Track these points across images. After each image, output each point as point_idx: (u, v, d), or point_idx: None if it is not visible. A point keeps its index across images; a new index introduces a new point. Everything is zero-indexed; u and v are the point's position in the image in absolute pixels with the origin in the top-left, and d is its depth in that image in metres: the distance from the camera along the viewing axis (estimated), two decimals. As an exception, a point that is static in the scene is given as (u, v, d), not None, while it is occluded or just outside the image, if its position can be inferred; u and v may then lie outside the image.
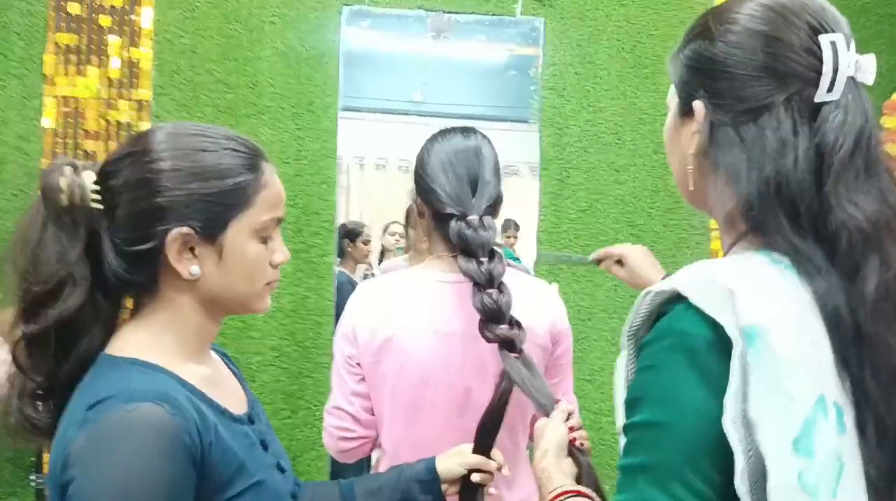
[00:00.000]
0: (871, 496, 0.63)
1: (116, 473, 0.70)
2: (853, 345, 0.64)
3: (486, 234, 1.16)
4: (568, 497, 0.88)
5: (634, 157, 2.36)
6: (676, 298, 0.66)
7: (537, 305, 1.26)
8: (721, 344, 0.62)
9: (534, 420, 1.30)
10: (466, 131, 1.27)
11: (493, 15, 2.34)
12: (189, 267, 0.82)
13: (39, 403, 0.82)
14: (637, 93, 2.36)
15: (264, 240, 0.86)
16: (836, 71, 0.66)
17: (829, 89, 0.66)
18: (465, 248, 1.16)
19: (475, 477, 1.08)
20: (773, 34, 0.68)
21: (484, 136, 1.27)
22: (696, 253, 2.36)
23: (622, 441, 0.69)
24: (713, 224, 2.37)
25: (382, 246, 3.19)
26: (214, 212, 0.82)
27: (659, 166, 2.36)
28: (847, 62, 0.66)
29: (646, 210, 2.35)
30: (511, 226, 2.83)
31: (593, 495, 0.90)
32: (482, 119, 2.92)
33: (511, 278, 1.17)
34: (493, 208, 1.23)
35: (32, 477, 2.01)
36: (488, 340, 1.12)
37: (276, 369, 2.19)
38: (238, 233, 0.83)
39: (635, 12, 2.37)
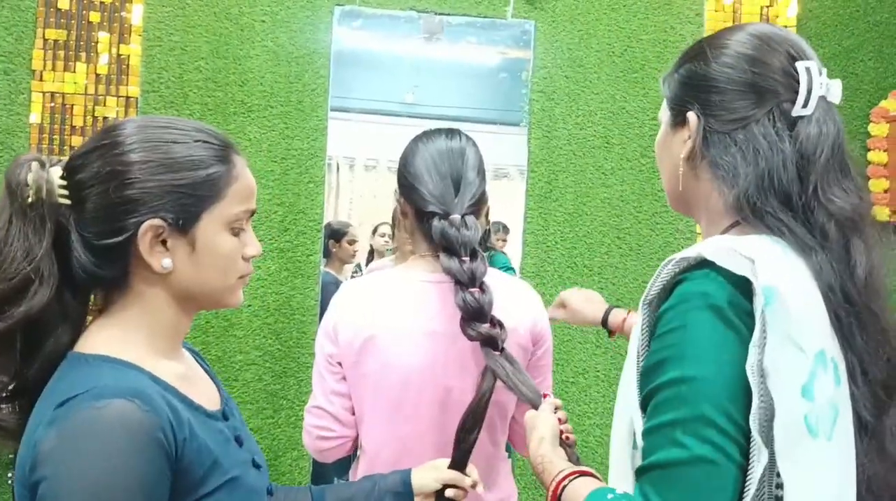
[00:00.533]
0: (861, 435, 0.77)
1: (87, 472, 0.69)
2: (845, 312, 0.76)
3: (467, 233, 1.16)
4: (576, 478, 0.91)
5: (622, 161, 2.36)
6: (697, 266, 0.76)
7: (519, 306, 1.26)
8: (739, 304, 0.72)
9: (513, 420, 1.31)
10: (451, 133, 1.27)
11: (485, 17, 2.35)
12: (161, 260, 0.81)
13: (6, 404, 0.81)
14: (626, 98, 2.37)
15: (236, 233, 0.85)
16: (809, 91, 0.80)
17: (804, 105, 0.80)
18: (447, 247, 1.16)
19: (449, 493, 1.08)
20: (759, 57, 0.82)
21: (468, 138, 1.28)
22: (682, 258, 2.36)
23: (633, 416, 0.77)
24: (699, 229, 2.38)
25: (371, 247, 3.18)
26: (186, 203, 0.81)
27: (647, 170, 2.37)
28: (819, 83, 0.80)
29: (633, 213, 2.36)
30: (500, 229, 2.82)
31: (596, 473, 0.93)
32: (473, 121, 2.93)
33: (493, 279, 1.18)
34: (476, 207, 1.23)
35: (10, 475, 2.00)
36: (471, 338, 1.13)
37: (260, 368, 2.18)
38: (210, 226, 0.82)
39: (625, 17, 2.38)
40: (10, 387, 0.80)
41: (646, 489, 0.73)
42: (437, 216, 1.18)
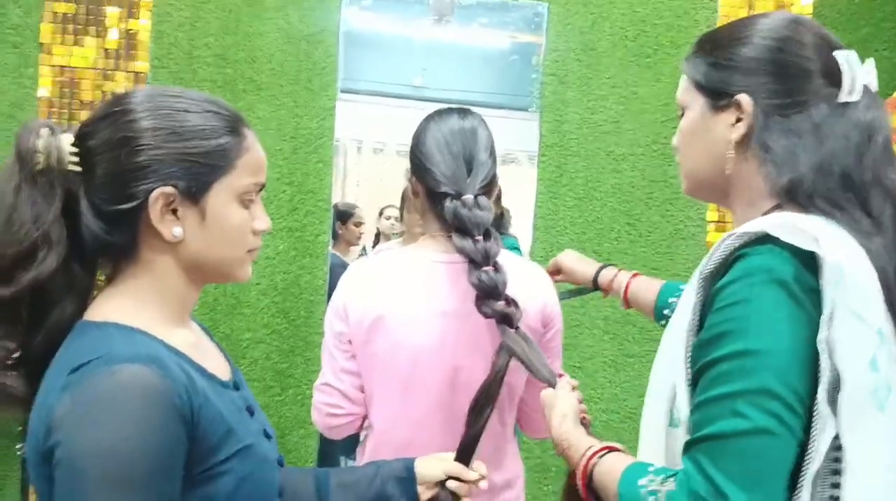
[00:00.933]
0: None
1: (103, 437, 0.68)
2: None
3: (481, 213, 1.16)
4: (606, 454, 0.90)
5: (634, 147, 2.35)
6: (758, 241, 0.76)
7: (529, 287, 1.26)
8: (808, 277, 0.73)
9: (521, 401, 1.30)
10: (463, 112, 1.27)
11: (497, -1, 2.32)
12: (172, 229, 0.80)
13: (12, 372, 0.80)
14: (638, 83, 2.35)
15: (246, 206, 0.85)
16: (853, 78, 0.82)
17: (851, 92, 0.82)
18: (460, 227, 1.16)
19: (451, 485, 1.07)
20: (805, 42, 0.84)
21: (480, 118, 1.28)
22: (691, 245, 2.35)
23: (678, 392, 0.78)
24: (710, 216, 2.36)
25: (378, 229, 3.18)
26: (198, 172, 0.80)
27: (658, 156, 2.35)
28: (861, 72, 0.83)
29: (643, 199, 2.34)
30: (508, 213, 2.81)
31: (624, 448, 0.93)
32: (482, 106, 2.88)
33: (503, 260, 1.17)
34: (488, 188, 1.22)
35: (19, 446, 2.00)
36: (486, 316, 1.12)
37: (268, 346, 2.18)
38: (221, 196, 0.82)
39: (639, 0, 2.35)
40: (16, 356, 0.80)
41: (700, 459, 0.72)
42: (449, 196, 1.18)
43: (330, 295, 1.34)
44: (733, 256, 0.77)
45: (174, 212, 0.80)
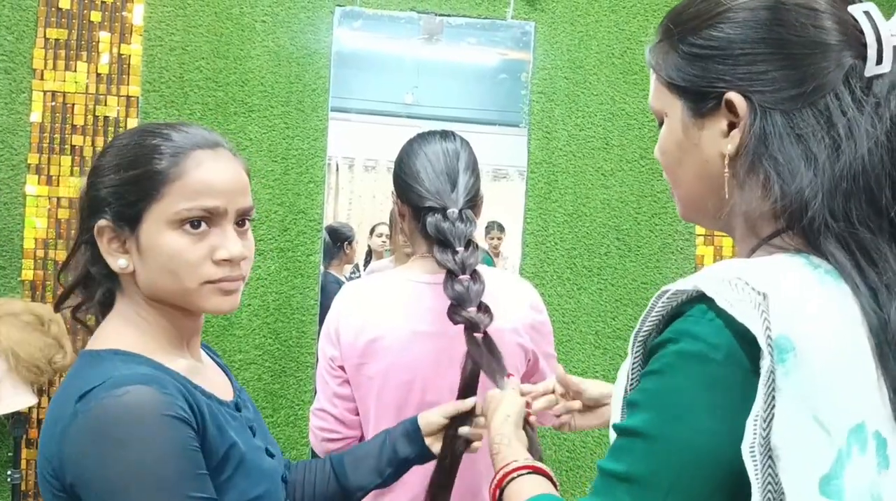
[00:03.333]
0: None
1: (126, 455, 0.70)
2: None
3: (463, 226, 1.17)
4: (526, 474, 0.83)
5: (622, 162, 2.37)
6: (698, 299, 0.59)
7: (517, 304, 1.27)
8: (743, 357, 0.55)
9: None
10: (445, 134, 1.28)
11: (485, 18, 2.35)
12: (117, 261, 0.82)
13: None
14: (625, 99, 2.38)
15: (191, 233, 0.81)
16: (879, 41, 0.59)
17: (879, 61, 0.60)
18: (441, 240, 1.17)
19: (463, 430, 1.10)
20: (811, 5, 0.61)
21: (463, 140, 1.29)
22: (680, 259, 2.37)
23: (612, 436, 0.65)
24: (699, 230, 2.39)
25: (369, 247, 3.19)
26: (127, 202, 0.81)
27: (646, 171, 2.37)
28: (888, 30, 0.60)
29: (632, 215, 2.37)
30: (495, 228, 2.83)
31: (550, 473, 0.86)
32: (472, 122, 2.92)
33: (493, 277, 1.18)
34: (473, 204, 1.24)
35: (9, 473, 2.00)
36: (455, 322, 1.14)
37: (259, 367, 2.18)
38: (152, 224, 0.81)
39: (625, 18, 2.39)
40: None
41: None
42: (433, 211, 1.19)
43: (322, 316, 1.35)
44: (671, 315, 0.61)
45: (124, 243, 0.82)
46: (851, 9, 0.61)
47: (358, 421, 1.28)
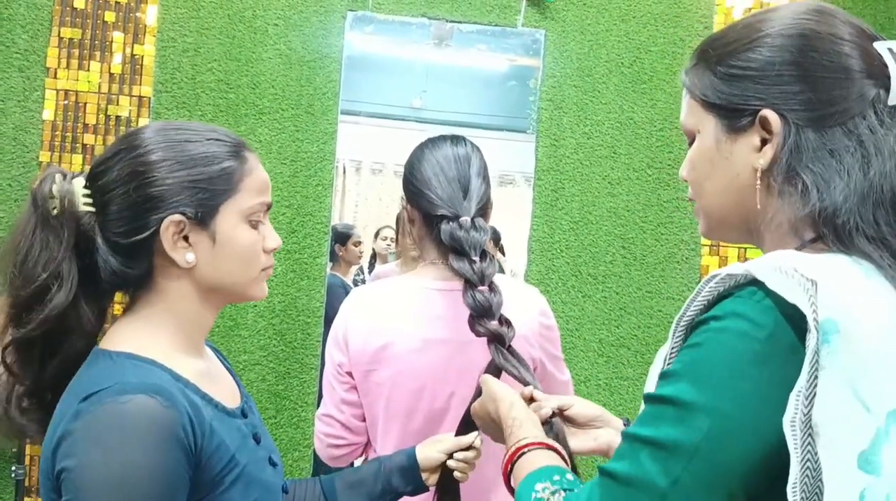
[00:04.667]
0: None
1: (110, 463, 0.72)
2: None
3: (477, 235, 1.17)
4: (537, 449, 0.83)
5: (629, 171, 2.38)
6: (747, 284, 0.62)
7: (526, 310, 1.27)
8: (788, 336, 0.59)
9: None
10: (456, 139, 1.28)
11: (496, 25, 2.37)
12: (185, 255, 0.84)
13: (27, 403, 0.84)
14: (634, 108, 2.38)
15: (255, 226, 0.88)
16: None
17: None
18: (456, 249, 1.17)
19: (451, 463, 1.10)
20: (840, 36, 0.68)
21: (473, 145, 1.29)
22: (685, 268, 2.37)
23: (641, 408, 0.66)
24: (704, 240, 2.39)
25: (374, 250, 3.20)
26: (204, 198, 0.84)
27: (653, 181, 2.38)
28: None
29: (638, 224, 2.37)
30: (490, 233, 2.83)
31: (562, 450, 0.86)
32: (480, 128, 2.94)
33: (502, 284, 1.19)
34: (484, 210, 1.24)
35: (13, 468, 2.01)
36: (478, 334, 1.13)
37: (263, 368, 2.20)
38: (229, 218, 0.86)
39: (635, 28, 2.39)
40: (30, 390, 0.84)
41: (594, 490, 0.65)
42: (446, 219, 1.19)
43: (327, 318, 1.36)
44: (717, 299, 0.64)
45: (185, 238, 0.84)
46: (877, 45, 0.68)
47: (364, 428, 1.28)
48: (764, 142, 0.69)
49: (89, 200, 0.84)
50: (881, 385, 0.57)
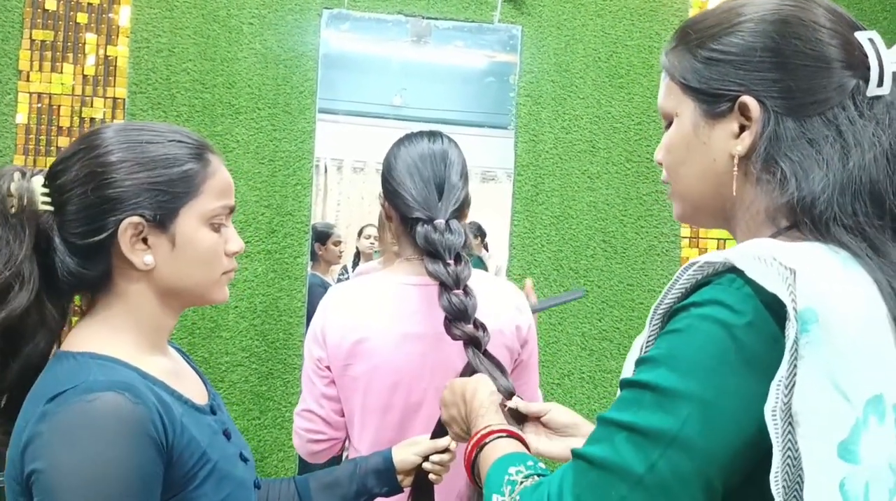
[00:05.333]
0: None
1: (81, 463, 0.71)
2: None
3: (451, 238, 1.17)
4: (503, 437, 0.83)
5: (608, 165, 2.39)
6: (726, 272, 0.61)
7: (503, 307, 1.27)
8: (768, 324, 0.58)
9: None
10: (433, 135, 1.28)
11: (472, 21, 2.37)
12: (143, 257, 0.83)
13: None
14: (612, 103, 2.40)
15: (217, 229, 0.87)
16: (881, 66, 0.66)
17: (880, 83, 0.66)
18: (431, 251, 1.17)
19: (427, 466, 1.10)
20: (822, 24, 0.67)
21: (450, 140, 1.29)
22: (665, 261, 2.39)
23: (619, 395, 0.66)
24: (684, 232, 2.41)
25: (357, 249, 3.19)
26: (163, 200, 0.83)
27: (632, 174, 2.39)
28: (889, 58, 0.66)
29: (618, 217, 2.38)
30: (474, 230, 2.83)
31: (525, 439, 0.85)
32: (460, 124, 2.93)
33: (479, 280, 1.19)
34: (460, 211, 1.24)
35: (-3, 475, 1.99)
36: (454, 337, 1.14)
37: (246, 369, 2.18)
38: (189, 221, 0.85)
39: (612, 22, 2.40)
40: None
41: (567, 472, 0.63)
42: (421, 221, 1.19)
43: (308, 318, 1.35)
44: (695, 287, 0.64)
45: (145, 240, 0.83)
46: (858, 34, 0.67)
47: (343, 423, 1.28)
48: (742, 128, 0.68)
49: (48, 199, 0.83)
50: (859, 374, 0.56)
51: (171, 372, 0.87)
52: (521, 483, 0.70)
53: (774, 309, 0.58)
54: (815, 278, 0.57)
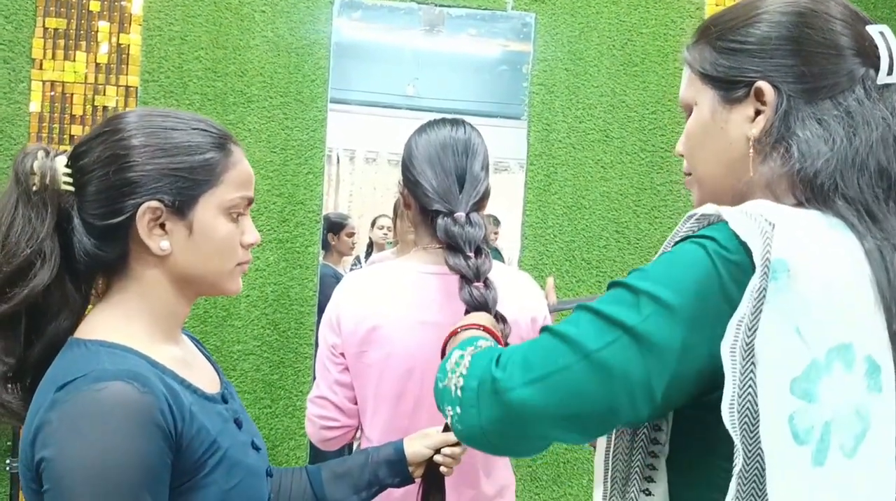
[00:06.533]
0: None
1: (89, 451, 0.71)
2: None
3: (472, 231, 1.16)
4: (474, 330, 0.88)
5: (622, 155, 2.36)
6: (719, 222, 0.67)
7: (519, 298, 1.26)
8: (744, 268, 0.63)
9: None
10: (455, 123, 1.26)
11: (485, 9, 2.35)
12: (159, 243, 0.83)
13: (10, 386, 0.84)
14: (626, 91, 2.37)
15: (234, 219, 0.87)
16: (891, 56, 0.70)
17: (889, 72, 0.70)
18: (451, 244, 1.16)
19: (438, 458, 1.10)
20: (834, 15, 0.72)
21: (473, 128, 1.26)
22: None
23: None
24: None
25: (371, 239, 3.18)
26: (183, 186, 0.84)
27: (646, 164, 2.37)
28: None
29: (631, 208, 2.36)
30: (492, 222, 2.82)
31: (501, 337, 0.90)
32: (474, 115, 2.91)
33: (496, 272, 1.18)
34: (480, 203, 1.22)
35: (8, 462, 2.01)
36: None
37: (258, 358, 2.19)
38: (208, 210, 0.85)
39: (626, 10, 2.37)
40: (14, 370, 0.83)
41: (527, 343, 0.68)
42: (441, 214, 1.18)
43: (320, 307, 1.35)
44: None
45: (162, 226, 0.84)
46: (869, 28, 0.72)
47: (356, 410, 1.28)
48: (757, 112, 0.73)
49: (70, 179, 0.84)
50: (822, 325, 0.61)
51: (182, 361, 0.87)
52: (457, 361, 0.74)
53: (752, 255, 0.63)
54: (793, 233, 0.62)
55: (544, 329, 0.69)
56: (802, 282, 0.60)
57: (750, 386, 0.60)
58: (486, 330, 0.90)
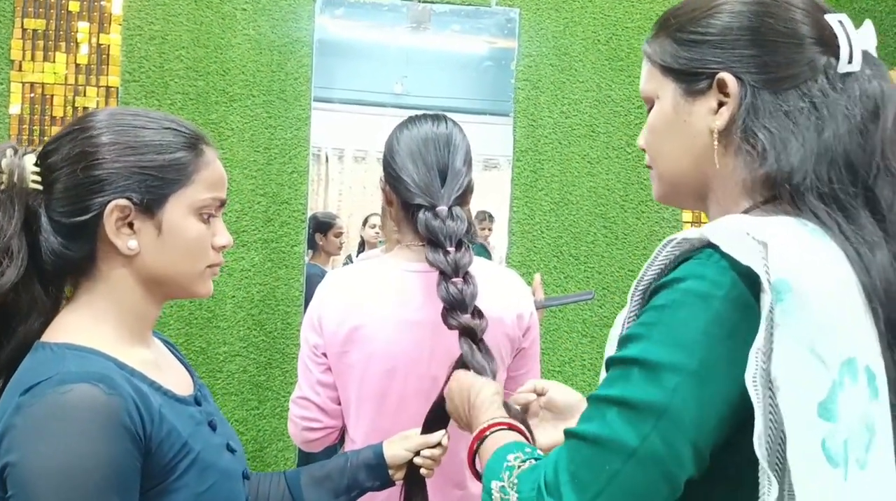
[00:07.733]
0: None
1: (54, 455, 0.70)
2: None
3: (453, 225, 1.15)
4: (502, 429, 0.85)
5: (608, 150, 2.36)
6: (703, 247, 0.64)
7: (505, 295, 1.25)
8: (745, 294, 0.61)
9: None
10: (437, 118, 1.25)
11: (469, 5, 2.33)
12: (127, 242, 0.82)
13: None
14: (611, 86, 2.36)
15: (205, 220, 0.86)
16: (850, 45, 0.69)
17: (850, 60, 0.69)
18: (432, 239, 1.15)
19: (418, 460, 1.09)
20: (794, 4, 0.71)
21: (455, 124, 1.26)
22: (668, 246, 2.36)
23: (602, 375, 0.67)
24: (685, 217, 2.38)
25: (362, 238, 3.17)
26: (152, 185, 0.82)
27: (632, 159, 2.36)
28: (858, 37, 0.70)
29: (618, 202, 2.35)
30: (486, 218, 2.82)
31: (526, 432, 0.87)
32: (462, 112, 2.90)
33: (480, 268, 1.17)
34: (463, 198, 1.22)
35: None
36: (450, 327, 1.12)
37: (244, 359, 2.18)
38: (177, 210, 0.84)
39: (610, 4, 2.37)
40: None
41: (562, 453, 0.65)
42: (422, 208, 1.17)
43: (307, 307, 1.34)
44: (674, 264, 0.66)
45: (130, 225, 0.82)
46: (828, 17, 0.71)
47: (339, 411, 1.27)
48: (720, 104, 0.71)
49: (38, 178, 0.82)
50: (833, 338, 0.59)
51: (152, 363, 0.86)
52: (519, 466, 0.71)
53: (750, 280, 0.61)
54: (786, 250, 0.60)
55: (570, 434, 0.66)
56: (807, 300, 0.59)
57: (771, 413, 0.59)
58: (511, 426, 0.86)
